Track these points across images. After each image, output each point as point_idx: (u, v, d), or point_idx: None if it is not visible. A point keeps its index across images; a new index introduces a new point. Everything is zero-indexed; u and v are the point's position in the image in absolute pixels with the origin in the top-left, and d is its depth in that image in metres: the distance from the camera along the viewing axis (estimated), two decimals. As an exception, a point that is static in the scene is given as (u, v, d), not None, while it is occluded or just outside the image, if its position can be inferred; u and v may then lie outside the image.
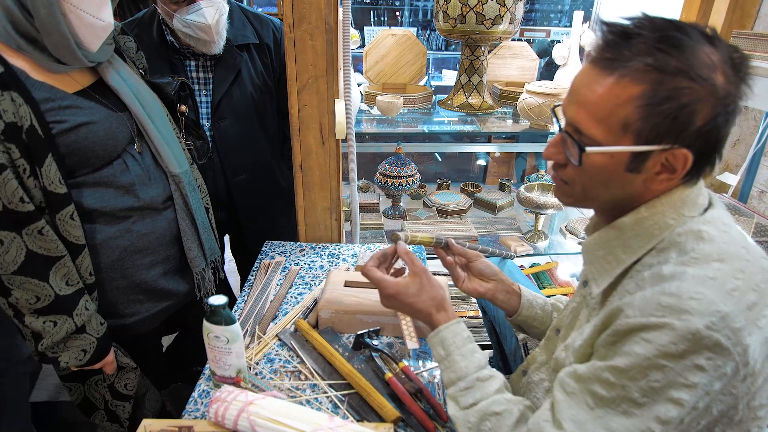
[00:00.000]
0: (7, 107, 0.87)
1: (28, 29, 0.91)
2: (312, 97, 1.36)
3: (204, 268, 1.26)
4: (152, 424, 0.88)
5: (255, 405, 0.85)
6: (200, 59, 1.55)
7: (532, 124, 1.79)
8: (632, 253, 0.70)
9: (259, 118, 1.66)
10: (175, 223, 1.17)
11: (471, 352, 0.81)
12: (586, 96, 0.66)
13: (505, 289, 1.04)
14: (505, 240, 2.00)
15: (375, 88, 2.11)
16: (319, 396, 0.98)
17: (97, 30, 0.96)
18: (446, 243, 1.05)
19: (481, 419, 0.74)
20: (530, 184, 2.07)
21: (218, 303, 0.89)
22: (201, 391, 1.00)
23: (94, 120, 1.01)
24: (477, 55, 1.89)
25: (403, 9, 5.79)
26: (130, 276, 1.12)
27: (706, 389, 0.59)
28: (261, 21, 1.64)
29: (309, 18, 1.27)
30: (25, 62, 0.94)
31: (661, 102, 0.60)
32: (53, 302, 0.97)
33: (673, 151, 0.63)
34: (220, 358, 0.94)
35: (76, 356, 1.03)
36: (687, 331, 0.57)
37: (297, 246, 1.54)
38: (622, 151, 0.65)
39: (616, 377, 0.62)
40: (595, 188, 0.71)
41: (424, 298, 0.87)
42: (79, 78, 1.03)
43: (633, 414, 0.61)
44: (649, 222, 0.69)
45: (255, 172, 1.70)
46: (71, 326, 1.00)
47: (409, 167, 2.08)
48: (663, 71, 0.60)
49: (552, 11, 5.47)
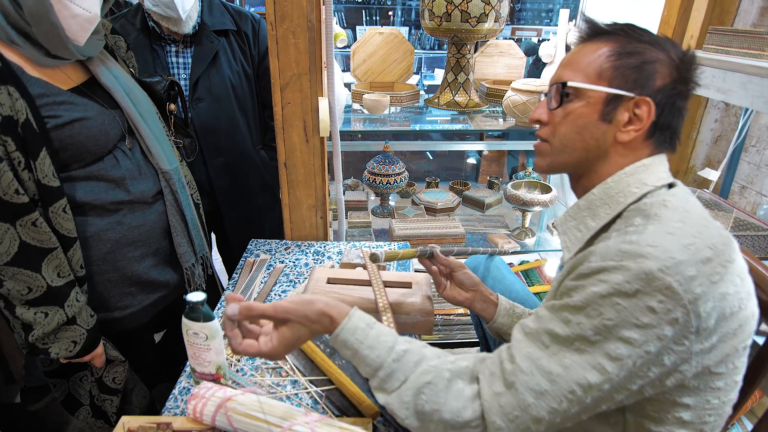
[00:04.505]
0: (3, 101, 0.88)
1: (18, 21, 0.91)
2: (295, 95, 1.36)
3: (194, 263, 1.27)
4: (131, 421, 0.87)
5: (233, 401, 0.85)
6: (179, 44, 1.58)
7: (517, 121, 1.80)
8: (600, 220, 0.76)
9: (238, 103, 1.68)
10: (165, 216, 1.19)
11: (376, 339, 0.76)
12: (569, 59, 0.79)
13: (482, 299, 1.07)
14: (493, 237, 2.00)
15: (362, 86, 2.12)
16: (300, 392, 0.98)
17: (82, 21, 0.96)
18: (431, 253, 1.07)
19: (416, 395, 0.71)
20: (517, 182, 2.08)
21: (196, 300, 0.89)
22: (181, 388, 1.00)
23: (87, 116, 1.02)
24: (463, 53, 1.90)
25: (395, 8, 5.79)
26: (122, 268, 1.13)
27: (657, 333, 0.61)
28: (239, 12, 1.69)
29: (291, 16, 1.27)
30: (20, 58, 0.95)
31: (628, 56, 0.73)
32: (45, 293, 0.98)
33: (638, 100, 0.72)
34: (199, 354, 0.94)
35: (67, 347, 1.03)
36: (641, 271, 0.61)
37: (282, 244, 1.54)
38: (596, 96, 0.74)
39: (572, 314, 0.66)
40: (571, 139, 0.78)
41: (309, 328, 0.78)
42: (73, 75, 1.05)
43: (585, 351, 0.64)
44: (614, 191, 0.75)
45: (234, 156, 1.71)
46: (62, 317, 1.00)
47: (397, 165, 2.08)
48: (630, 36, 0.75)
49: (542, 10, 5.49)
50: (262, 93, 1.75)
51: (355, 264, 1.35)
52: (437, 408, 0.70)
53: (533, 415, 0.65)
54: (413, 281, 1.20)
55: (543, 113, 0.82)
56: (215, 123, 1.63)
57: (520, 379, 0.67)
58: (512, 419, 0.66)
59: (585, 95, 0.75)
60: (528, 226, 2.07)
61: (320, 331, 0.78)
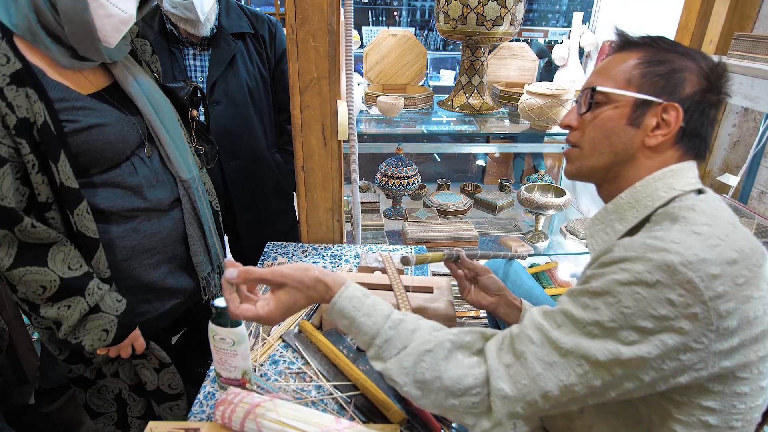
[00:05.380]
0: (20, 103, 0.88)
1: (50, 21, 0.91)
2: (314, 99, 1.36)
3: (209, 272, 1.26)
4: (158, 426, 0.88)
5: (262, 407, 0.85)
6: (197, 47, 1.59)
7: (532, 124, 1.79)
8: (627, 223, 0.77)
9: (255, 106, 1.68)
10: (181, 223, 1.18)
11: (372, 307, 0.77)
12: (601, 67, 0.81)
13: (507, 303, 1.08)
14: (506, 240, 2.00)
15: (375, 88, 2.11)
16: (325, 398, 0.98)
17: (117, 22, 0.95)
18: (457, 256, 1.09)
19: (415, 362, 0.72)
20: (530, 185, 2.08)
21: (224, 305, 0.89)
22: (206, 393, 1.00)
23: (106, 122, 1.01)
24: (477, 56, 1.89)
25: (401, 9, 5.79)
26: (138, 276, 1.12)
27: (674, 326, 0.61)
28: (256, 15, 1.69)
29: (312, 19, 1.27)
30: (43, 61, 0.94)
31: (657, 64, 0.75)
32: (61, 287, 0.96)
33: (667, 105, 0.73)
34: (225, 360, 0.94)
35: (99, 337, 1.02)
36: (663, 263, 0.61)
37: (299, 247, 1.54)
38: (624, 101, 0.76)
39: (590, 299, 0.66)
40: (600, 143, 0.79)
41: (305, 293, 0.80)
42: (94, 80, 1.04)
43: (598, 336, 0.64)
44: (642, 195, 0.76)
45: (249, 159, 1.71)
46: (84, 306, 0.99)
47: (410, 168, 2.08)
48: (660, 47, 0.77)
49: (550, 11, 5.49)
50: (277, 96, 1.76)
51: (373, 268, 1.35)
52: (438, 375, 0.71)
53: (541, 387, 0.66)
54: (435, 286, 1.20)
55: (573, 118, 0.84)
56: (231, 126, 1.63)
57: (530, 349, 0.68)
58: (520, 388, 0.67)
59: (614, 100, 0.77)
60: (541, 230, 2.07)
61: (316, 298, 0.80)
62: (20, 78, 0.89)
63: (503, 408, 0.67)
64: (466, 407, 0.70)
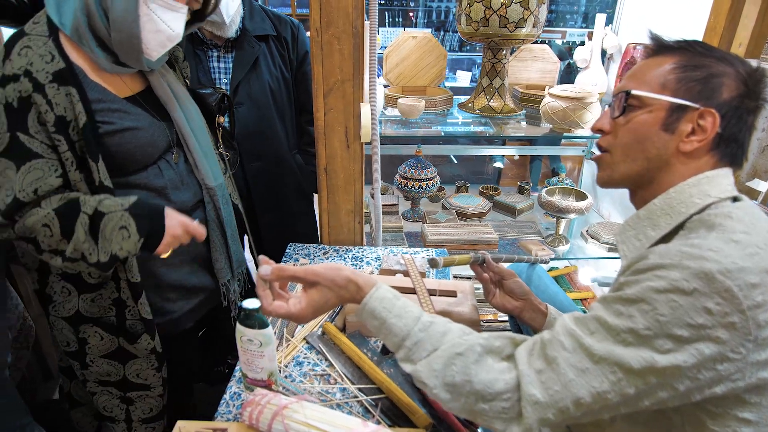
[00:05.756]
0: (60, 101, 0.90)
1: (99, 26, 0.92)
2: (338, 101, 1.37)
3: (230, 279, 1.27)
4: (186, 426, 0.89)
5: (289, 409, 0.85)
6: (221, 49, 1.60)
7: (555, 127, 1.78)
8: (660, 230, 0.75)
9: (277, 108, 1.69)
10: (203, 224, 1.19)
11: (402, 309, 0.78)
12: (634, 71, 0.80)
13: (532, 308, 1.07)
14: (526, 244, 1.99)
15: (395, 90, 2.12)
16: (350, 400, 0.98)
17: (164, 38, 0.98)
18: (483, 259, 1.09)
19: (445, 365, 0.72)
20: (551, 188, 2.06)
21: (252, 307, 0.89)
22: (232, 393, 1.01)
23: (139, 126, 1.03)
24: (499, 58, 1.88)
25: (418, 10, 5.79)
26: (161, 275, 1.14)
27: (711, 335, 0.59)
28: (279, 18, 1.71)
29: (336, 22, 1.28)
30: (84, 61, 0.96)
31: (693, 69, 0.73)
32: (57, 215, 0.92)
33: (703, 111, 0.72)
34: (252, 361, 0.95)
35: (121, 237, 0.94)
36: (700, 271, 0.60)
37: (320, 248, 1.55)
38: (658, 106, 0.75)
39: (624, 307, 0.65)
40: (632, 148, 0.78)
41: (336, 293, 0.81)
42: (130, 83, 1.05)
43: (632, 344, 0.63)
44: (676, 201, 0.75)
45: (271, 160, 1.73)
46: (84, 219, 0.92)
47: (429, 170, 2.08)
48: (696, 51, 0.75)
49: (568, 12, 5.44)
50: (299, 97, 1.77)
51: (395, 270, 1.35)
52: (468, 379, 0.70)
53: (574, 393, 0.65)
54: (458, 289, 1.19)
55: (606, 122, 0.83)
56: (254, 127, 1.65)
57: (562, 355, 0.67)
58: (552, 394, 0.66)
59: (648, 104, 0.76)
60: (561, 233, 2.05)
61: (347, 298, 0.81)
62: (63, 77, 0.91)
63: (534, 414, 0.67)
64: (496, 412, 0.70)
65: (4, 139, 0.89)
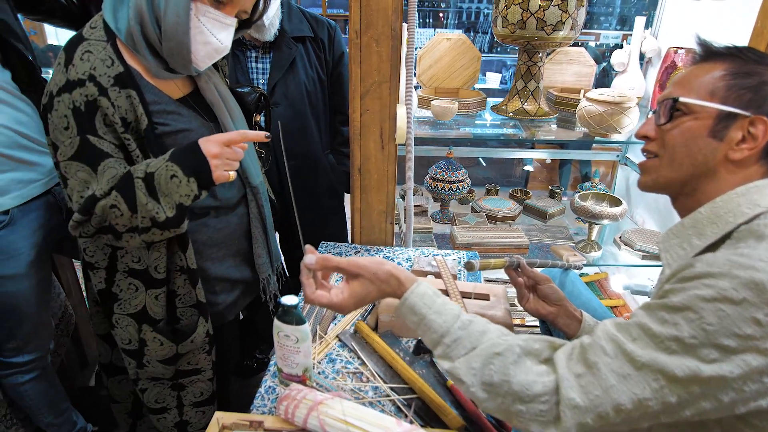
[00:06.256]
0: (121, 103, 0.94)
1: (151, 35, 0.95)
2: (374, 103, 1.38)
3: (270, 274, 1.30)
4: (224, 417, 0.91)
5: (324, 405, 0.86)
6: (259, 50, 1.63)
7: (591, 132, 1.76)
8: (706, 239, 0.74)
9: (312, 108, 1.72)
10: (245, 219, 1.23)
11: (443, 306, 0.79)
12: (681, 78, 0.79)
13: (566, 314, 1.06)
14: (557, 249, 1.97)
15: (427, 91, 2.12)
16: (382, 399, 0.99)
17: (212, 50, 1.00)
18: (518, 264, 1.08)
19: (484, 363, 0.72)
20: (584, 193, 2.04)
21: (290, 303, 0.91)
22: (267, 387, 1.03)
23: (190, 128, 1.06)
24: (534, 61, 1.87)
25: (449, 11, 5.77)
26: (207, 269, 1.17)
27: (759, 347, 0.58)
28: (317, 19, 1.73)
29: (376, 24, 1.29)
30: (139, 65, 0.99)
31: (744, 76, 0.72)
32: (115, 188, 0.94)
33: (755, 119, 0.71)
34: (288, 356, 0.97)
35: (176, 185, 0.94)
36: (751, 281, 0.59)
37: (351, 248, 1.56)
38: (706, 113, 0.74)
39: (669, 314, 0.63)
40: (679, 155, 0.77)
41: (378, 287, 0.82)
42: (181, 85, 1.08)
43: (676, 352, 0.61)
44: (723, 210, 0.73)
45: (305, 160, 1.75)
46: (140, 184, 0.94)
47: (460, 172, 2.08)
48: (747, 58, 0.74)
49: (602, 14, 5.34)
50: (333, 98, 1.79)
51: (426, 272, 1.36)
52: (506, 379, 0.70)
53: (614, 399, 0.64)
54: (491, 293, 1.19)
55: (651, 129, 0.82)
56: (289, 127, 1.68)
57: (603, 360, 0.66)
58: (592, 399, 0.65)
59: (695, 112, 0.75)
60: (593, 239, 2.02)
61: (388, 292, 0.82)
62: (122, 80, 0.94)
63: (573, 418, 0.66)
64: (534, 414, 0.69)
65: (75, 143, 0.92)
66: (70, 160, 0.94)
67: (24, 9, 1.36)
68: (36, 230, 1.27)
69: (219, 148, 0.96)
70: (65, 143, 0.93)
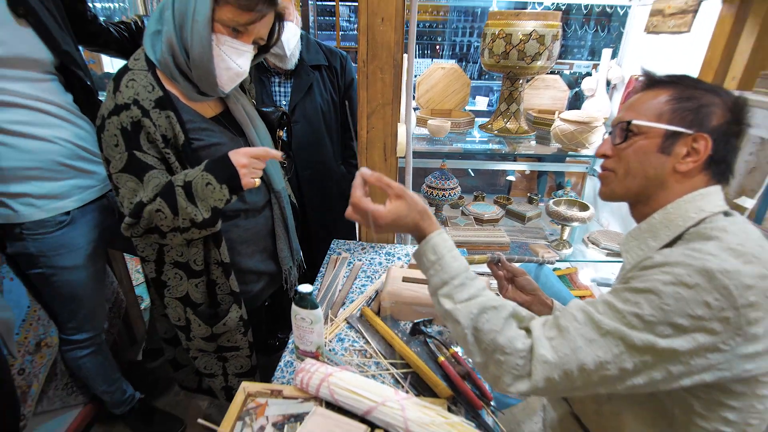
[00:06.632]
0: (162, 123, 0.95)
1: (182, 64, 0.97)
2: (379, 121, 1.40)
3: (291, 266, 1.32)
4: (249, 386, 0.92)
5: (334, 377, 0.88)
6: (282, 76, 1.64)
7: (563, 147, 1.76)
8: (660, 241, 0.75)
9: (326, 126, 1.73)
10: (270, 220, 1.24)
11: (458, 255, 0.78)
12: (631, 104, 0.79)
13: (540, 302, 1.06)
14: (534, 247, 1.97)
15: (424, 112, 2.13)
16: (383, 372, 1.00)
17: (233, 74, 1.00)
18: (498, 259, 1.08)
19: (480, 311, 0.72)
20: (557, 200, 2.04)
21: (306, 291, 0.93)
22: (286, 362, 1.04)
23: (221, 142, 1.07)
24: (516, 87, 1.88)
25: (444, 44, 5.78)
26: (239, 263, 1.18)
27: (707, 327, 0.59)
28: (331, 50, 1.73)
29: (380, 55, 1.31)
30: (176, 89, 1.01)
31: (685, 100, 0.73)
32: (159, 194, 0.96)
33: (697, 135, 0.72)
34: (303, 335, 0.98)
35: (211, 192, 0.96)
36: (702, 268, 0.60)
37: (359, 245, 1.57)
38: (655, 133, 0.74)
39: (632, 295, 0.64)
40: (633, 169, 0.77)
41: (413, 215, 0.79)
42: (213, 106, 1.10)
43: (636, 327, 0.62)
44: (674, 215, 0.74)
45: (319, 169, 1.76)
46: (179, 190, 0.95)
47: (452, 181, 2.08)
48: (686, 84, 0.75)
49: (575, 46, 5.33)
50: (344, 117, 1.80)
51: (422, 265, 1.36)
52: (495, 329, 0.70)
53: (580, 359, 0.64)
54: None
55: (608, 148, 0.82)
56: (306, 142, 1.69)
57: (573, 325, 0.66)
58: (561, 356, 0.65)
59: (645, 132, 0.76)
60: (565, 239, 2.02)
61: (418, 222, 0.79)
62: (162, 103, 0.95)
63: (542, 372, 0.66)
64: (510, 366, 0.68)
65: (124, 158, 0.94)
66: (121, 172, 0.95)
67: (84, 42, 1.38)
68: (92, 229, 1.29)
69: (246, 159, 0.98)
70: (116, 158, 0.94)
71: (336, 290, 1.30)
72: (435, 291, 0.78)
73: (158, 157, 0.97)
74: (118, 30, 1.44)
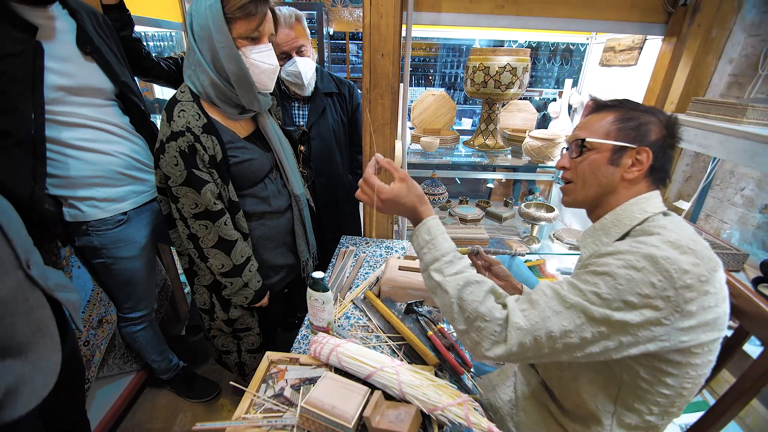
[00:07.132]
0: (209, 146, 0.96)
1: (224, 90, 0.97)
2: (379, 138, 1.40)
3: (308, 258, 1.32)
4: (272, 355, 0.93)
5: (341, 347, 0.88)
6: (300, 101, 1.64)
7: (533, 159, 1.76)
8: (611, 237, 0.75)
9: (337, 142, 1.72)
10: (291, 222, 1.24)
11: (448, 237, 0.78)
12: (583, 124, 0.80)
13: (512, 287, 1.05)
14: (509, 242, 1.97)
15: (418, 131, 2.13)
16: (382, 344, 1.01)
17: (270, 72, 0.99)
18: (477, 251, 1.07)
19: (465, 284, 0.72)
20: (528, 203, 2.04)
21: (319, 276, 0.94)
22: (302, 335, 1.05)
23: (254, 157, 1.07)
24: (493, 110, 1.88)
25: (435, 74, 5.79)
26: (263, 256, 1.18)
27: (652, 304, 0.59)
28: (340, 80, 1.73)
29: (381, 84, 1.31)
30: (217, 114, 1.01)
31: (628, 120, 0.74)
32: (232, 269, 1.06)
33: (640, 149, 0.72)
34: (316, 314, 0.99)
35: (242, 300, 1.15)
36: (648, 255, 0.61)
37: (364, 240, 1.58)
38: (605, 148, 0.74)
39: (591, 277, 0.65)
40: (588, 178, 0.77)
41: (411, 197, 0.80)
42: (246, 127, 1.10)
43: (594, 303, 0.62)
44: (622, 216, 0.74)
45: (331, 179, 1.76)
46: (241, 283, 1.11)
47: (441, 188, 2.09)
48: (627, 107, 0.75)
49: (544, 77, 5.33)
50: (352, 135, 1.80)
51: (415, 256, 1.37)
52: (477, 300, 0.70)
53: (548, 327, 0.64)
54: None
55: (566, 162, 0.81)
56: (320, 156, 1.68)
57: (542, 299, 0.66)
58: (532, 324, 0.65)
59: (597, 147, 0.76)
60: (535, 235, 2.02)
61: (415, 204, 0.80)
62: (207, 129, 0.96)
63: (516, 338, 0.66)
64: (489, 332, 0.68)
65: (184, 174, 0.96)
66: (181, 186, 0.96)
67: (139, 73, 1.39)
68: (145, 226, 1.30)
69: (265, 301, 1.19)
70: (176, 174, 0.95)
71: (344, 277, 1.30)
72: (427, 267, 0.77)
73: (208, 173, 0.98)
74: (167, 64, 1.45)
